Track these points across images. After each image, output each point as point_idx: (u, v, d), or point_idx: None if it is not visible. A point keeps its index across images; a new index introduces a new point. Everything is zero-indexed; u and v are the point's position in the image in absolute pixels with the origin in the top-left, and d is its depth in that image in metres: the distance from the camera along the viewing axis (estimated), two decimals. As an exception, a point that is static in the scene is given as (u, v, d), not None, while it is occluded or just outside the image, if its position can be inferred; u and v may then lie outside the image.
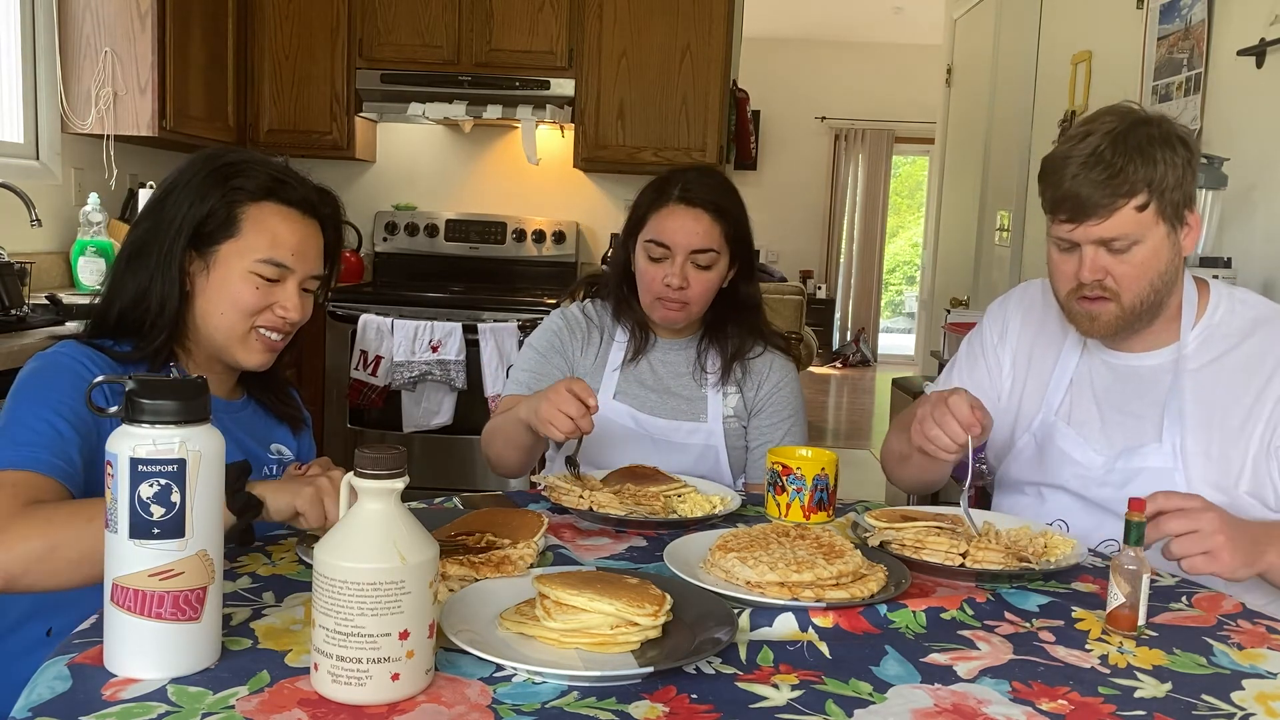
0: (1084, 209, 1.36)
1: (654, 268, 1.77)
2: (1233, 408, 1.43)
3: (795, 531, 1.24)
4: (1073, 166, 1.36)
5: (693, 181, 1.79)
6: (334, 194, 1.46)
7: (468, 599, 1.04)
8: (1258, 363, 1.43)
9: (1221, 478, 1.42)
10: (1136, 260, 1.38)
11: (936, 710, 0.89)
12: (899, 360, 10.44)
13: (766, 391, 1.86)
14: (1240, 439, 1.42)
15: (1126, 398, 1.50)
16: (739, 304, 1.86)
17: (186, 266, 1.35)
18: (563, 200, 4.46)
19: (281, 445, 1.50)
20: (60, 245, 3.38)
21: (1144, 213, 1.35)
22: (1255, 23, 2.64)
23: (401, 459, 0.87)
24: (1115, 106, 1.42)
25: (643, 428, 1.80)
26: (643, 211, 1.81)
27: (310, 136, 4.07)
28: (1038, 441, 1.57)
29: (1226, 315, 1.48)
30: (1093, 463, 1.50)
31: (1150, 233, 1.37)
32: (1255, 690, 0.96)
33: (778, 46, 9.48)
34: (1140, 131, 1.36)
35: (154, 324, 1.34)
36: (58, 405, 1.20)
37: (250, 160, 1.38)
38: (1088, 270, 1.39)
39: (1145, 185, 1.34)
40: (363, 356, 3.68)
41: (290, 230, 1.36)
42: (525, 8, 4.00)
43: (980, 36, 5.21)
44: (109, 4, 3.33)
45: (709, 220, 1.76)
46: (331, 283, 1.48)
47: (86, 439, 1.21)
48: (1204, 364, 1.46)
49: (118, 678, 0.87)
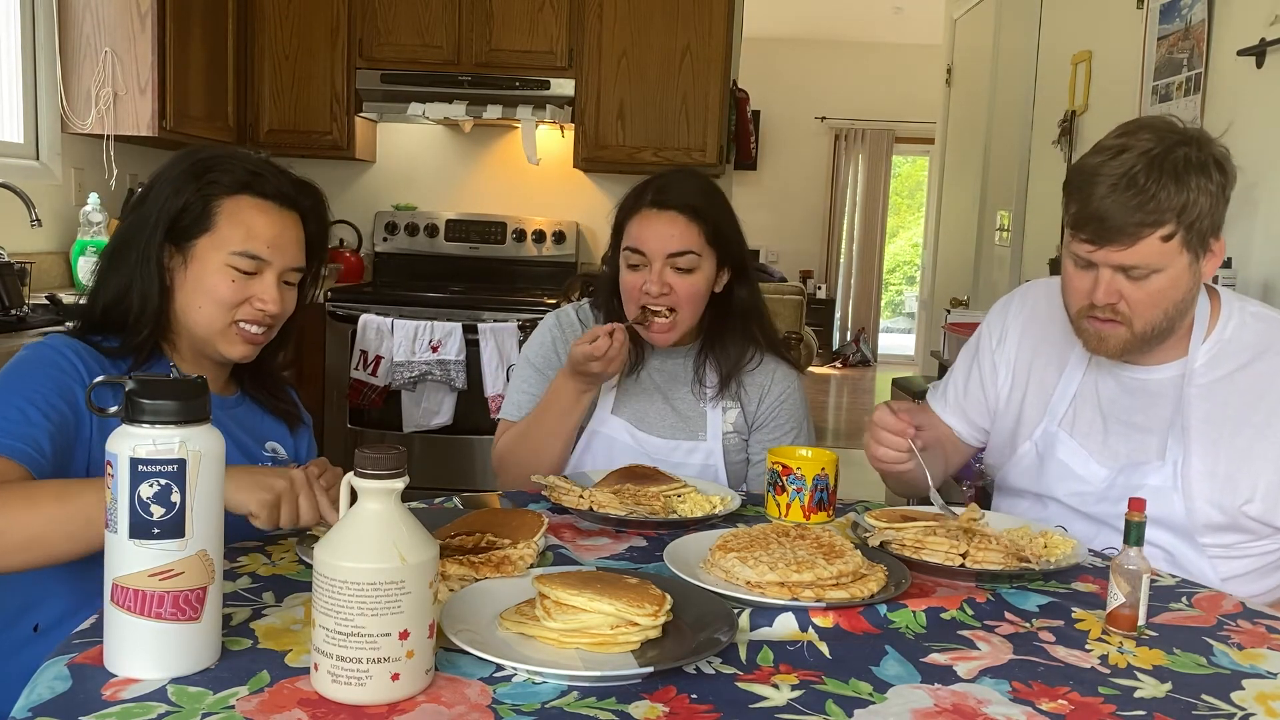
0: (1107, 233, 1.30)
1: (634, 276, 1.72)
2: (1243, 427, 1.39)
3: (795, 531, 1.24)
4: (1103, 185, 1.30)
5: (667, 184, 1.74)
6: (315, 187, 1.46)
7: (468, 599, 1.04)
8: (1269, 382, 1.40)
9: (1225, 498, 1.39)
10: (1153, 288, 1.33)
11: (936, 710, 0.89)
12: (899, 360, 10.44)
13: (769, 406, 1.81)
14: (1249, 459, 1.39)
15: (1132, 410, 1.47)
16: (736, 310, 1.81)
17: (165, 262, 1.35)
18: (563, 200, 4.46)
19: (277, 444, 1.49)
20: (60, 245, 3.38)
21: (1169, 243, 1.30)
22: (1255, 23, 2.64)
23: (401, 459, 0.87)
24: (1155, 121, 1.36)
25: (641, 445, 1.76)
26: (621, 220, 1.77)
27: (310, 136, 4.07)
28: (1039, 450, 1.54)
29: (1238, 329, 1.44)
30: (1094, 476, 1.47)
31: (1172, 263, 1.32)
32: (1255, 690, 0.96)
33: (778, 46, 9.47)
34: (1178, 154, 1.29)
35: (137, 319, 1.34)
36: (30, 394, 1.21)
37: (227, 155, 1.38)
38: (1102, 294, 1.34)
39: (1175, 215, 1.28)
40: (363, 356, 3.68)
41: (266, 223, 1.36)
42: (525, 8, 4.00)
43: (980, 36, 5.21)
44: (109, 4, 3.33)
45: (684, 222, 1.70)
46: (319, 276, 1.48)
47: (61, 429, 1.21)
48: (1214, 380, 1.42)
49: (118, 678, 0.87)
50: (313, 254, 1.44)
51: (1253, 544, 1.42)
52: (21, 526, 1.06)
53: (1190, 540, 1.42)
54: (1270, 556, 1.44)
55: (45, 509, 1.07)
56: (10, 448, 1.15)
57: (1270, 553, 1.43)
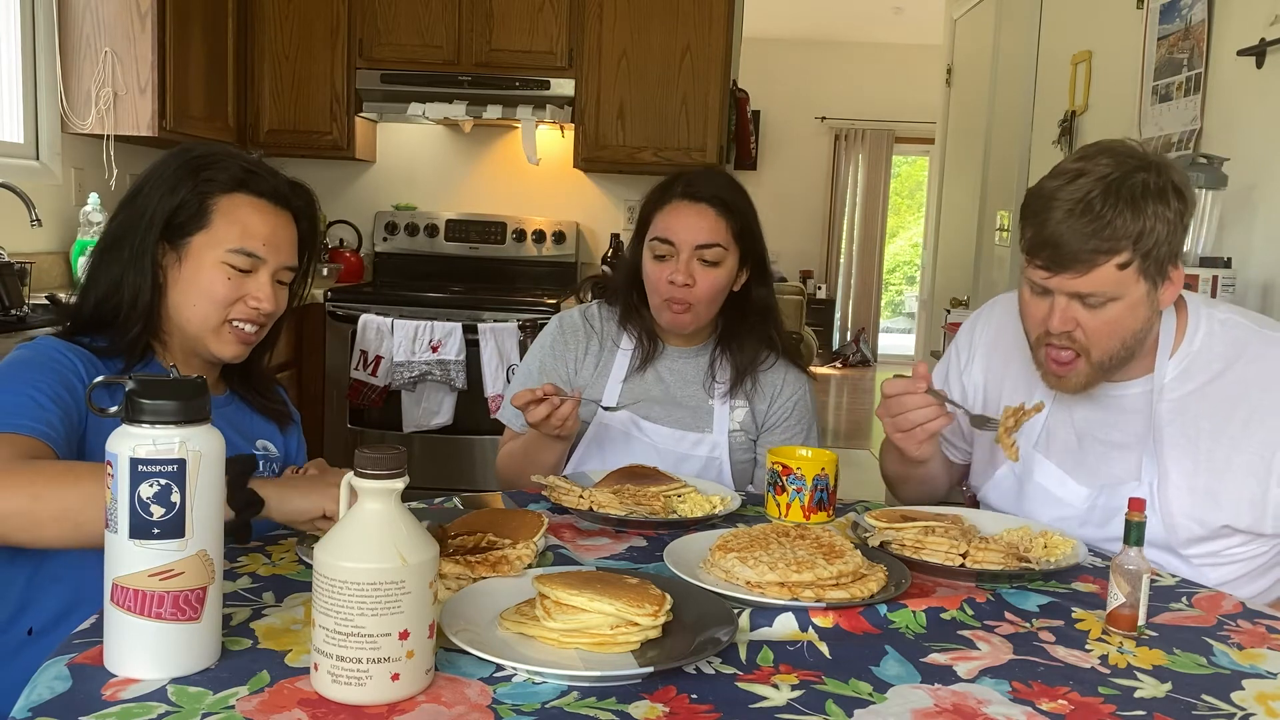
0: (1062, 260, 1.28)
1: (659, 267, 1.74)
2: (1219, 439, 1.37)
3: (795, 531, 1.24)
4: (1059, 211, 1.28)
5: (697, 178, 1.77)
6: (307, 187, 1.46)
7: (467, 599, 1.04)
8: (1242, 391, 1.37)
9: (1206, 512, 1.37)
10: (1109, 316, 1.31)
11: (936, 710, 0.89)
12: (899, 360, 10.44)
13: (779, 408, 1.82)
14: (1228, 471, 1.36)
15: (1107, 427, 1.45)
16: (753, 309, 1.81)
17: (159, 259, 1.35)
18: (563, 200, 4.45)
19: (268, 442, 1.49)
20: (60, 245, 3.38)
21: (1125, 271, 1.28)
22: (1255, 23, 2.63)
23: (401, 459, 0.87)
24: (1114, 145, 1.33)
25: (646, 436, 1.78)
26: (648, 212, 1.79)
27: (310, 136, 4.06)
28: (1016, 475, 1.52)
29: (1207, 339, 1.40)
30: (1074, 497, 1.45)
31: (1129, 291, 1.30)
32: (1255, 690, 0.96)
33: (778, 46, 9.48)
34: (1136, 180, 1.27)
35: (128, 317, 1.34)
36: (35, 382, 1.21)
37: (222, 153, 1.39)
38: (1058, 321, 1.32)
39: (1131, 243, 1.26)
40: (363, 356, 3.68)
41: (261, 221, 1.36)
42: (525, 8, 4.00)
43: (980, 36, 5.21)
44: (109, 4, 3.33)
45: (714, 215, 1.73)
46: (309, 276, 1.49)
47: (67, 415, 1.21)
48: (1186, 394, 1.39)
49: (118, 678, 0.87)
50: (303, 253, 1.45)
51: (1238, 549, 1.40)
52: (58, 498, 1.07)
53: (1174, 554, 1.41)
54: (1260, 559, 1.42)
55: (85, 485, 1.07)
56: (31, 428, 1.15)
57: (1258, 555, 1.41)
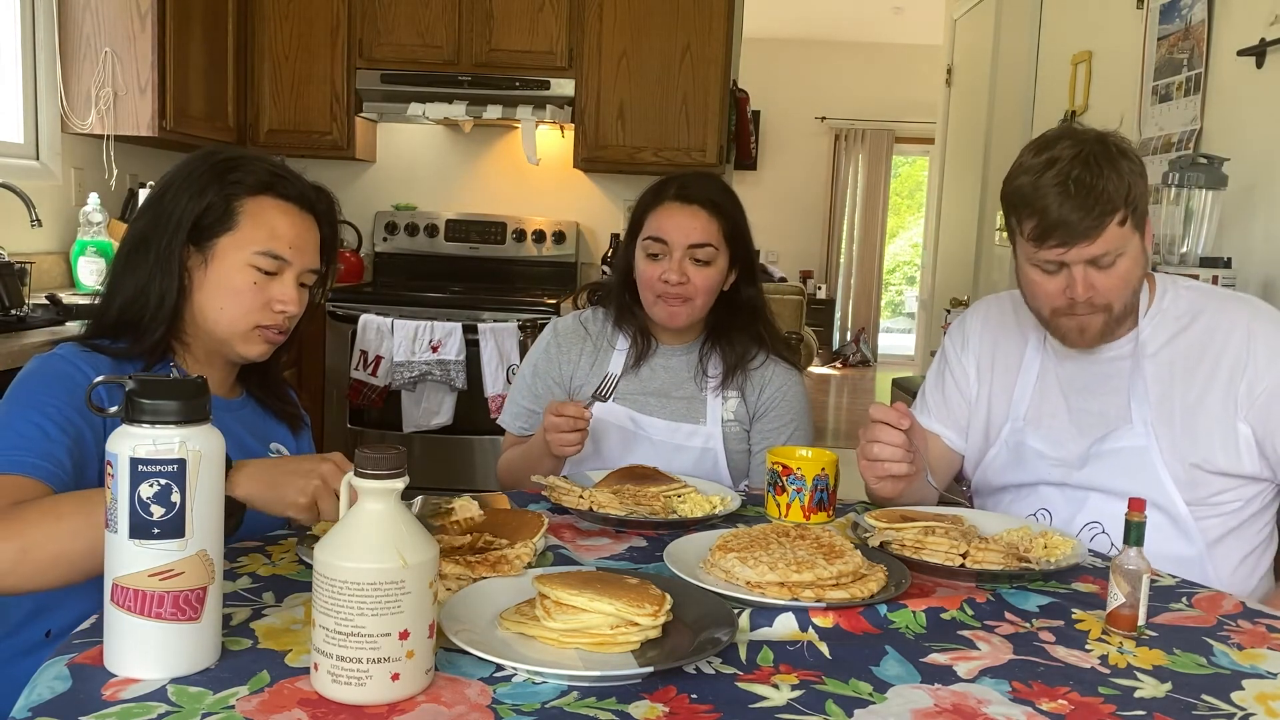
0: (1074, 233, 1.39)
1: (652, 266, 1.79)
2: (1191, 384, 1.50)
3: (795, 531, 1.24)
4: (1053, 195, 1.39)
5: (689, 181, 1.83)
6: (329, 192, 1.48)
7: (467, 599, 1.04)
8: (1206, 339, 1.51)
9: (1185, 450, 1.48)
10: (1121, 270, 1.43)
11: (936, 710, 0.89)
12: (899, 360, 10.44)
13: (769, 395, 1.86)
14: (1199, 413, 1.48)
15: (1092, 390, 1.56)
16: (741, 308, 1.87)
17: (185, 261, 1.35)
18: (563, 200, 4.46)
19: (280, 444, 1.50)
20: (60, 245, 3.38)
21: (1124, 226, 1.41)
22: (1255, 23, 2.63)
23: (401, 459, 0.87)
24: (1063, 130, 1.46)
25: (641, 429, 1.82)
26: (640, 213, 1.84)
27: (310, 137, 4.07)
28: (1009, 448, 1.62)
29: (1173, 300, 1.55)
30: (1069, 451, 1.54)
31: (1129, 243, 1.43)
32: (1255, 690, 0.96)
33: (778, 46, 9.47)
34: (1099, 149, 1.40)
35: (152, 319, 1.34)
36: (45, 407, 1.20)
37: (247, 157, 1.40)
38: (1081, 289, 1.43)
39: (1122, 199, 1.39)
40: (363, 356, 3.68)
41: (288, 224, 1.37)
42: (525, 8, 4.00)
43: (980, 36, 5.21)
44: (109, 4, 3.33)
45: (706, 216, 1.79)
46: (329, 280, 1.50)
47: (78, 442, 1.21)
48: (1159, 347, 1.53)
49: (118, 678, 0.87)
50: (325, 257, 1.45)
51: (1221, 496, 1.49)
52: (49, 540, 1.04)
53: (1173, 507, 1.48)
54: (1246, 510, 1.51)
55: (69, 521, 1.05)
56: (36, 466, 1.15)
57: (1244, 502, 1.50)
